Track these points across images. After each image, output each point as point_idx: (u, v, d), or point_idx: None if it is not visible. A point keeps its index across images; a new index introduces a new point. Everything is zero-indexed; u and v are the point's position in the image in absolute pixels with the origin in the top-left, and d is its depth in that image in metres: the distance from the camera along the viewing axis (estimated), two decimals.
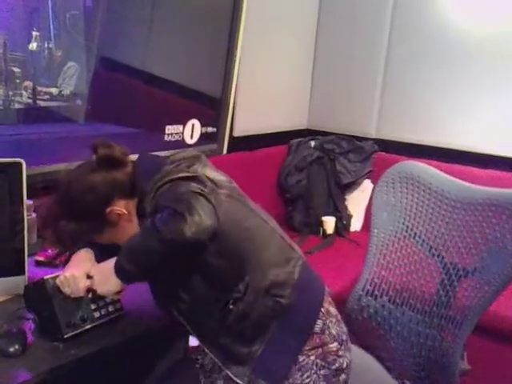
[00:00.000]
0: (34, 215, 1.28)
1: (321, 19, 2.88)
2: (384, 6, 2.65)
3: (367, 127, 2.76)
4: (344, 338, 1.05)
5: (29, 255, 1.23)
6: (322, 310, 1.03)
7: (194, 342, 1.18)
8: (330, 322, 1.03)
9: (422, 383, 1.15)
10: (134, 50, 2.00)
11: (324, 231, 2.49)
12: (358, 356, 1.16)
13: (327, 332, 1.02)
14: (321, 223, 2.50)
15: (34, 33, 1.70)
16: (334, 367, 1.01)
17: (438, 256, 1.13)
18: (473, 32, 2.43)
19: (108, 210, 1.01)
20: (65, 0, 1.79)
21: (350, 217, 2.57)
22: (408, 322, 1.17)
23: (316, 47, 2.92)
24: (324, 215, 2.53)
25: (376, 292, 1.24)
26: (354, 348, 1.17)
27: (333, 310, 1.07)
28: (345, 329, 1.07)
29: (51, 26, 1.76)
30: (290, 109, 2.88)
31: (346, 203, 2.62)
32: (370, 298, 1.24)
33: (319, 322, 1.01)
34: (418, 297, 1.16)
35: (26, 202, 1.20)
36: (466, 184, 1.15)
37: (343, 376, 1.02)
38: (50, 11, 1.75)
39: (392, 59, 2.68)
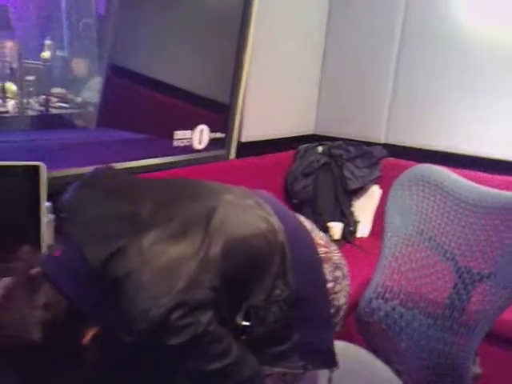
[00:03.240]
0: (51, 217, 1.30)
1: (330, 25, 2.89)
2: (395, 11, 2.65)
3: (376, 132, 2.75)
4: (337, 274, 1.02)
5: None
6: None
7: None
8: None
9: None
10: (144, 57, 2.03)
11: (331, 237, 2.50)
12: (357, 353, 1.17)
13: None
14: (327, 229, 2.51)
15: (47, 41, 1.73)
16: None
17: (453, 260, 1.14)
18: (484, 37, 2.42)
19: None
20: (78, 8, 1.83)
21: (356, 222, 2.58)
22: (419, 325, 1.18)
23: (324, 52, 2.93)
24: (331, 221, 2.53)
25: (387, 295, 1.24)
26: (351, 346, 1.18)
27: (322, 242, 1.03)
28: (337, 258, 1.04)
29: (64, 35, 1.79)
30: (298, 114, 2.90)
31: (353, 209, 2.63)
32: (380, 301, 1.25)
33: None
34: (430, 300, 1.17)
35: (46, 203, 1.22)
36: (483, 188, 1.15)
37: (341, 313, 1.02)
38: (64, 20, 1.78)
39: (402, 64, 2.67)
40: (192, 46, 2.18)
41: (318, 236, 1.05)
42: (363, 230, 2.59)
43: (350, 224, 2.57)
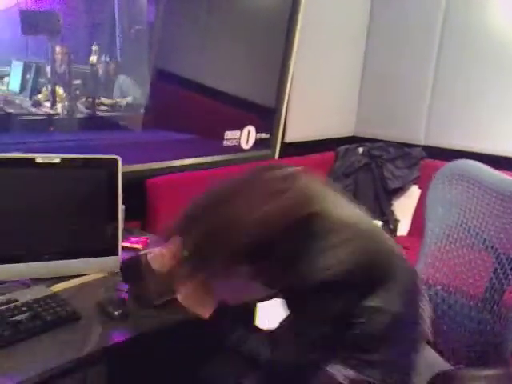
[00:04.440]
0: (122, 206, 1.45)
1: (371, 28, 2.97)
2: (434, 15, 2.70)
3: (416, 134, 2.82)
4: (424, 303, 1.13)
5: None
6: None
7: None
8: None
9: (473, 364, 1.24)
10: (196, 63, 2.17)
11: None
12: None
13: None
14: None
15: (94, 46, 1.79)
16: None
17: (492, 247, 1.22)
18: None
19: None
20: (129, 15, 1.92)
21: (396, 221, 2.65)
22: (461, 308, 1.26)
23: (365, 55, 3.01)
24: None
25: (430, 281, 1.33)
26: None
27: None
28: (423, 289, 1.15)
29: (111, 40, 1.86)
30: (339, 117, 3.01)
31: (393, 208, 2.71)
32: (423, 287, 1.34)
33: None
34: (471, 284, 1.25)
35: (121, 194, 1.37)
36: None
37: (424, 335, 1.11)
38: (117, 26, 1.86)
39: (441, 66, 2.72)
40: (242, 54, 2.32)
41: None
42: (402, 228, 2.67)
43: (390, 222, 2.64)
